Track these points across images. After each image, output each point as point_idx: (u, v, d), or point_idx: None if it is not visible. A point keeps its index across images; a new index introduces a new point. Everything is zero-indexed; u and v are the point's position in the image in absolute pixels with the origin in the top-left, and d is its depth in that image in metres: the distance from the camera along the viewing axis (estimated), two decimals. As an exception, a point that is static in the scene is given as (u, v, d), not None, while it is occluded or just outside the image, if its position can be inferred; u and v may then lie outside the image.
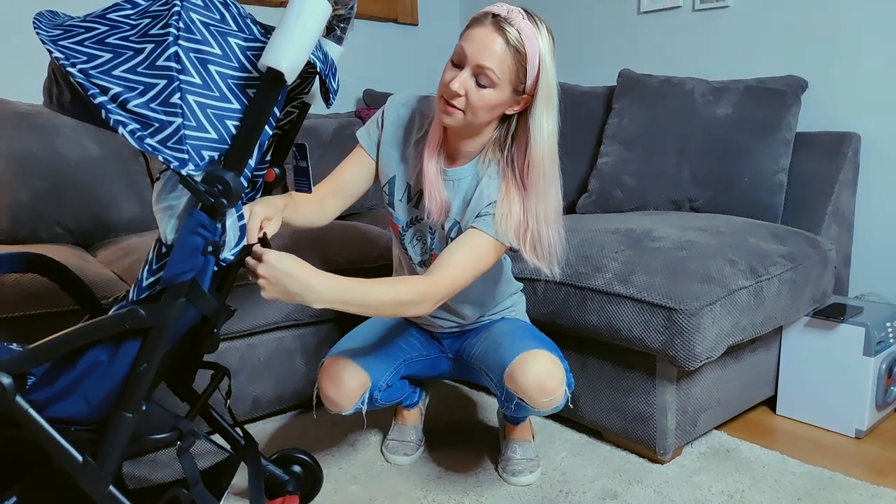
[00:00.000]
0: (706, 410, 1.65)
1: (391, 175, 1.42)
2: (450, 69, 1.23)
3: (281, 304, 1.77)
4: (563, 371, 1.35)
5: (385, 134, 1.42)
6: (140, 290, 1.00)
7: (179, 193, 0.95)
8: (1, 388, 0.96)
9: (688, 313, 1.43)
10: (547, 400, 1.32)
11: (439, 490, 1.51)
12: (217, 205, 0.92)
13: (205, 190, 0.91)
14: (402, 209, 1.43)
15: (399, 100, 1.43)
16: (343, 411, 1.44)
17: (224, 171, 0.92)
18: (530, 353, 1.34)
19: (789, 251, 1.71)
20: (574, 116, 2.48)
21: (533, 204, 1.26)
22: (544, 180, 1.26)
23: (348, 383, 1.41)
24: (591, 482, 1.52)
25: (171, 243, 0.97)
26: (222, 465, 1.32)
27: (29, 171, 1.96)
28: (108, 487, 1.01)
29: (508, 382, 1.36)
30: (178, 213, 0.95)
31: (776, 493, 1.46)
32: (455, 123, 1.24)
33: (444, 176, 1.35)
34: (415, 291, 1.18)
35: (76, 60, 0.89)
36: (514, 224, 1.26)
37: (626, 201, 2.16)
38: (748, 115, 2.06)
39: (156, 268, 0.98)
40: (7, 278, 1.50)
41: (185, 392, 1.29)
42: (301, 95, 1.16)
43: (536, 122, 1.23)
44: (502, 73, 1.19)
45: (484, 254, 1.26)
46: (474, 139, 1.32)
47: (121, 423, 1.00)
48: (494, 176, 1.31)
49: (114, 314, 0.96)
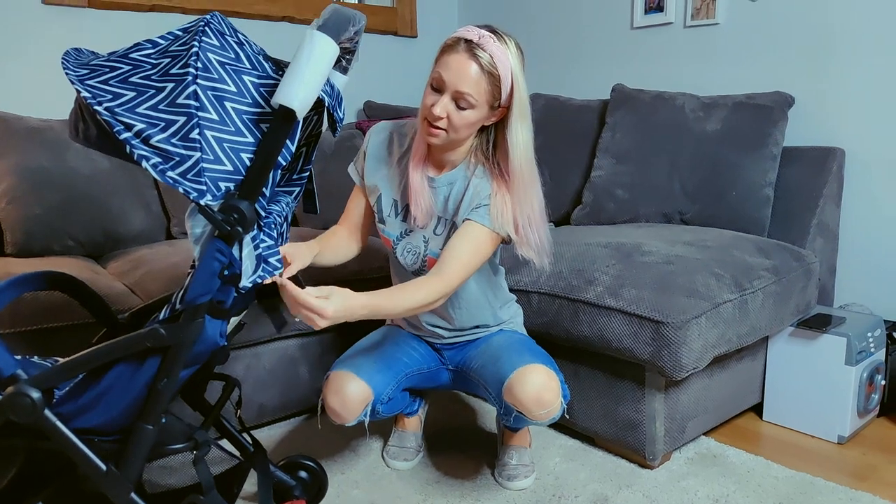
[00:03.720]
0: (693, 418, 1.72)
1: (378, 194, 1.55)
2: (430, 94, 1.36)
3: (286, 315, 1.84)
4: (559, 384, 1.43)
5: (368, 160, 1.56)
6: (172, 310, 1.07)
7: (204, 221, 1.02)
8: (31, 402, 1.03)
9: (674, 326, 1.50)
10: (544, 412, 1.40)
11: (438, 494, 1.58)
12: (233, 232, 0.99)
13: (222, 219, 0.98)
14: (393, 224, 1.54)
15: (376, 128, 1.58)
16: (346, 423, 1.51)
17: (239, 201, 0.99)
18: (527, 368, 1.41)
19: (774, 264, 1.78)
20: (569, 129, 2.56)
21: (518, 209, 1.39)
22: (524, 188, 1.39)
23: (352, 397, 1.47)
24: (584, 486, 1.59)
25: None
26: (234, 472, 1.39)
27: (41, 186, 2.02)
28: (131, 494, 1.08)
29: (507, 396, 1.43)
30: (197, 238, 1.02)
31: (759, 497, 1.53)
32: (440, 142, 1.38)
33: (431, 184, 1.47)
34: (432, 292, 1.31)
35: (102, 99, 0.96)
36: (509, 217, 1.38)
37: (619, 213, 2.23)
38: (737, 130, 2.13)
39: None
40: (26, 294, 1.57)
41: (197, 402, 1.36)
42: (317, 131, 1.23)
43: (513, 133, 1.37)
44: (479, 95, 1.31)
45: (483, 243, 1.38)
46: (457, 150, 1.44)
47: (142, 435, 1.07)
48: (483, 175, 1.43)
49: (136, 333, 1.03)
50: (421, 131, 1.40)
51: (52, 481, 1.17)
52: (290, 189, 1.23)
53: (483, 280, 1.56)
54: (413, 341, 1.67)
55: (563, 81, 2.93)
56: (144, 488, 1.40)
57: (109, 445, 1.10)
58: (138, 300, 1.67)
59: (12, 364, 1.05)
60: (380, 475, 1.67)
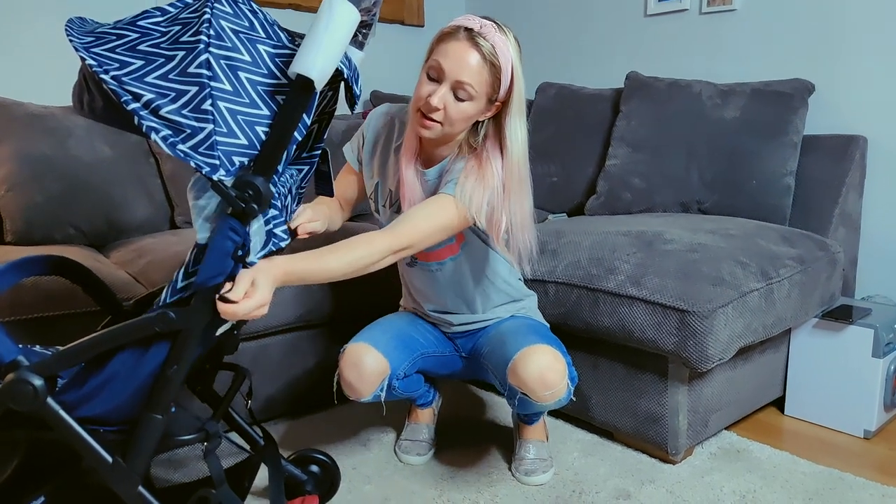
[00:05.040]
0: (717, 411, 1.67)
1: (375, 182, 1.51)
2: (426, 83, 1.29)
3: (295, 306, 1.78)
4: (564, 365, 1.37)
5: (367, 145, 1.51)
6: (174, 292, 1.01)
7: (210, 195, 0.97)
8: (33, 390, 0.97)
9: (701, 315, 1.45)
10: (548, 393, 1.34)
11: (453, 489, 1.52)
12: (248, 209, 0.94)
13: (235, 195, 0.93)
14: (385, 215, 1.50)
15: (379, 111, 1.52)
16: (362, 397, 1.46)
17: (254, 177, 0.94)
18: (531, 348, 1.36)
19: (799, 253, 1.73)
20: (581, 118, 2.50)
21: (508, 205, 1.32)
22: (519, 184, 1.32)
23: (369, 369, 1.43)
24: (604, 482, 1.54)
25: (203, 242, 0.98)
26: (244, 465, 1.33)
27: (42, 173, 1.96)
28: (138, 487, 1.02)
29: (511, 377, 1.38)
30: (208, 215, 0.97)
31: (787, 492, 1.48)
32: (433, 135, 1.31)
33: (423, 178, 1.42)
34: (376, 247, 1.20)
35: (109, 67, 0.91)
36: (477, 198, 1.28)
37: (635, 203, 2.18)
38: (755, 117, 2.07)
39: (191, 270, 1.00)
40: (26, 280, 1.51)
41: (206, 393, 1.31)
42: (330, 108, 1.18)
43: (511, 130, 1.31)
44: (479, 86, 1.26)
45: (443, 210, 1.28)
46: (447, 144, 1.38)
47: (150, 425, 1.01)
48: (462, 160, 1.36)
49: (144, 317, 0.98)
50: (413, 123, 1.33)
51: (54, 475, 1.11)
52: (299, 166, 1.17)
53: (482, 261, 1.50)
54: (428, 325, 1.63)
55: (575, 70, 2.87)
56: (153, 482, 1.34)
57: (115, 436, 1.04)
58: (142, 289, 1.62)
59: (13, 350, 1.00)
60: (392, 470, 1.62)
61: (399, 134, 1.47)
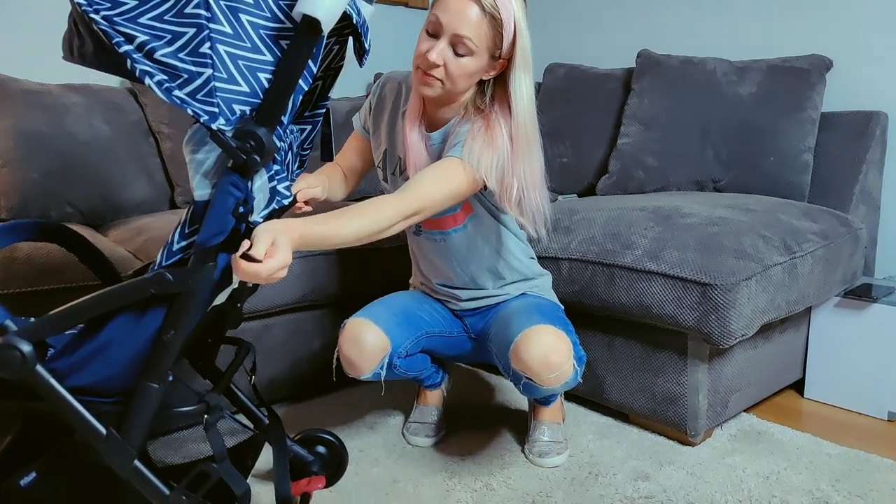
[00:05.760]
0: (737, 392, 1.61)
1: (384, 149, 1.45)
2: (425, 39, 1.24)
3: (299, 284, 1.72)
4: (569, 345, 1.30)
5: (375, 112, 1.47)
6: (170, 254, 0.95)
7: (210, 148, 0.90)
8: (20, 357, 0.91)
9: (723, 289, 1.39)
10: (553, 376, 1.27)
11: (465, 472, 1.46)
12: (249, 162, 0.87)
13: (236, 146, 0.87)
14: (393, 183, 1.45)
15: (385, 77, 1.47)
16: (361, 374, 1.41)
17: (256, 127, 0.87)
18: (533, 329, 1.29)
19: (821, 229, 1.66)
20: (591, 98, 2.44)
21: (519, 165, 1.26)
22: (528, 143, 1.27)
23: (369, 345, 1.38)
24: (621, 464, 1.48)
25: (198, 199, 0.92)
26: (247, 444, 1.27)
27: (39, 150, 1.90)
28: (134, 462, 0.96)
29: (514, 362, 1.31)
30: (207, 170, 0.91)
31: (812, 474, 1.42)
32: (434, 94, 1.26)
33: (428, 141, 1.36)
34: (386, 212, 1.13)
35: (100, 7, 0.85)
36: (485, 160, 1.23)
37: (648, 182, 2.11)
38: (773, 93, 2.01)
39: (188, 231, 0.94)
40: (19, 253, 1.46)
41: (208, 369, 1.25)
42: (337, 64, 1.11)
43: (516, 86, 1.25)
44: (479, 40, 1.20)
45: (452, 172, 1.22)
46: (452, 105, 1.33)
47: (147, 394, 0.95)
48: (468, 122, 1.30)
49: (139, 278, 0.92)
50: (414, 82, 1.28)
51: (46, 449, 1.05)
52: (302, 126, 1.11)
53: (491, 235, 1.44)
54: (436, 304, 1.57)
55: (583, 50, 2.80)
56: (150, 458, 1.28)
57: (110, 408, 0.98)
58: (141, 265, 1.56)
59: (0, 314, 0.94)
60: (401, 453, 1.56)
61: (406, 99, 1.42)
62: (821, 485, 1.38)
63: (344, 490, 1.40)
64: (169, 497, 0.97)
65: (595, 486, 1.39)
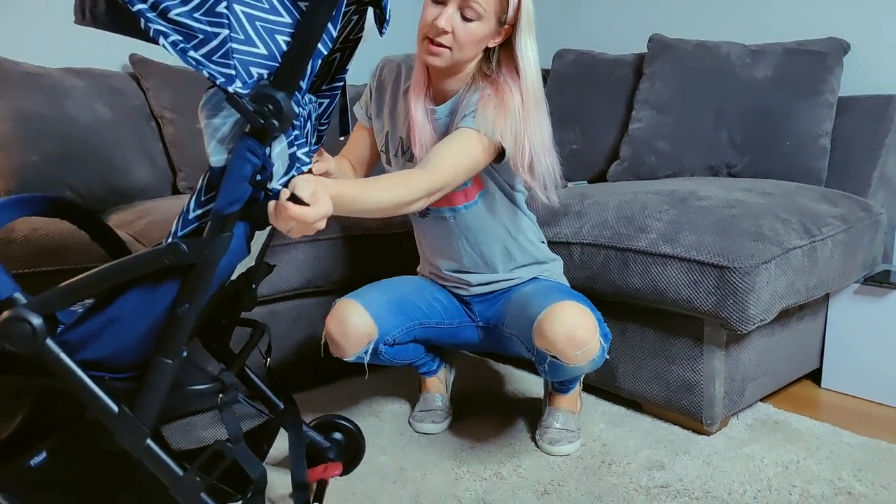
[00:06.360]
0: (754, 380, 1.56)
1: (386, 131, 1.43)
2: (430, 7, 1.23)
3: (303, 270, 1.68)
4: (594, 321, 1.27)
5: (375, 95, 1.44)
6: (185, 223, 0.91)
7: (227, 114, 0.87)
8: (30, 330, 0.87)
9: (742, 272, 1.34)
10: (580, 352, 1.24)
11: (474, 460, 1.42)
12: (267, 126, 0.84)
13: (254, 110, 0.83)
14: (398, 164, 1.42)
15: (383, 61, 1.45)
16: (345, 356, 1.40)
17: (275, 91, 0.84)
18: (557, 306, 1.27)
19: (841, 213, 1.62)
20: (602, 84, 2.39)
21: (530, 127, 1.25)
22: (537, 105, 1.27)
23: (354, 329, 1.37)
24: (635, 453, 1.44)
25: (214, 165, 0.88)
26: (262, 429, 1.24)
27: (38, 133, 1.87)
28: (147, 441, 0.92)
29: (538, 339, 1.28)
30: (223, 136, 0.87)
31: (833, 463, 1.37)
32: (443, 63, 1.24)
33: (433, 116, 1.34)
34: (415, 186, 1.15)
35: None
36: (500, 124, 1.22)
37: (660, 167, 2.07)
38: (789, 77, 1.96)
39: (204, 199, 0.90)
40: (16, 234, 1.42)
41: (222, 351, 1.21)
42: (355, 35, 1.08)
43: (522, 50, 1.25)
44: (488, 4, 1.20)
45: (470, 144, 1.22)
46: (458, 76, 1.31)
47: (160, 370, 0.91)
48: (475, 91, 1.29)
49: (153, 249, 0.88)
50: (420, 53, 1.26)
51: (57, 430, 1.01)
52: (320, 99, 1.07)
53: (502, 214, 1.41)
54: (439, 293, 1.52)
55: (593, 35, 2.75)
56: (165, 440, 1.24)
57: (123, 384, 0.94)
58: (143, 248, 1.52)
59: (10, 286, 0.90)
60: (408, 441, 1.52)
61: (406, 78, 1.39)
62: (842, 474, 1.33)
63: (350, 478, 1.37)
64: (183, 478, 0.94)
65: (608, 476, 1.35)
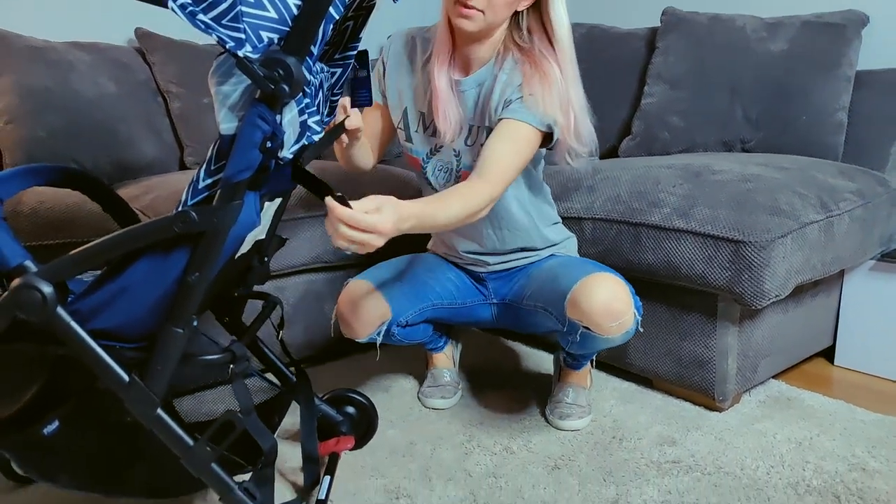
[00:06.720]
0: (767, 356, 1.54)
1: (403, 107, 1.39)
2: None
3: (311, 245, 1.67)
4: (629, 293, 1.26)
5: (389, 71, 1.39)
6: (195, 192, 0.90)
7: (237, 80, 0.85)
8: (41, 298, 0.86)
9: (757, 246, 1.32)
10: (616, 324, 1.22)
11: (483, 435, 1.42)
12: (278, 91, 0.82)
13: (264, 75, 0.81)
14: (420, 140, 1.39)
15: (394, 35, 1.41)
16: (357, 338, 1.40)
17: (285, 55, 0.82)
18: (592, 277, 1.25)
19: (858, 188, 1.59)
20: (613, 59, 2.35)
21: (572, 92, 1.23)
22: (574, 68, 1.25)
23: (367, 311, 1.35)
24: (646, 429, 1.43)
25: (224, 132, 0.87)
26: (274, 402, 1.24)
27: (44, 107, 1.85)
28: (157, 411, 0.92)
29: (571, 311, 1.26)
30: (233, 103, 0.85)
31: (847, 440, 1.36)
32: (474, 27, 1.20)
33: (458, 87, 1.30)
34: (479, 197, 1.14)
35: None
36: (550, 106, 1.21)
37: (673, 143, 2.03)
38: (805, 50, 1.92)
39: (214, 168, 0.89)
40: (24, 207, 1.41)
41: (234, 324, 1.20)
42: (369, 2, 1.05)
43: (556, 13, 1.23)
44: None
45: (523, 140, 1.22)
46: (486, 42, 1.27)
47: (170, 339, 0.90)
48: (512, 68, 1.26)
49: (163, 217, 0.87)
50: (451, 16, 1.21)
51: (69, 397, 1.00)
52: (332, 69, 1.05)
53: (522, 194, 1.39)
54: (451, 272, 1.50)
55: (605, 9, 2.70)
56: (176, 411, 1.24)
57: (134, 354, 0.94)
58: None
59: (20, 253, 0.89)
60: (417, 415, 1.52)
61: (423, 50, 1.36)
62: (856, 451, 1.32)
63: (360, 452, 1.36)
64: (193, 448, 0.94)
65: (619, 451, 1.34)
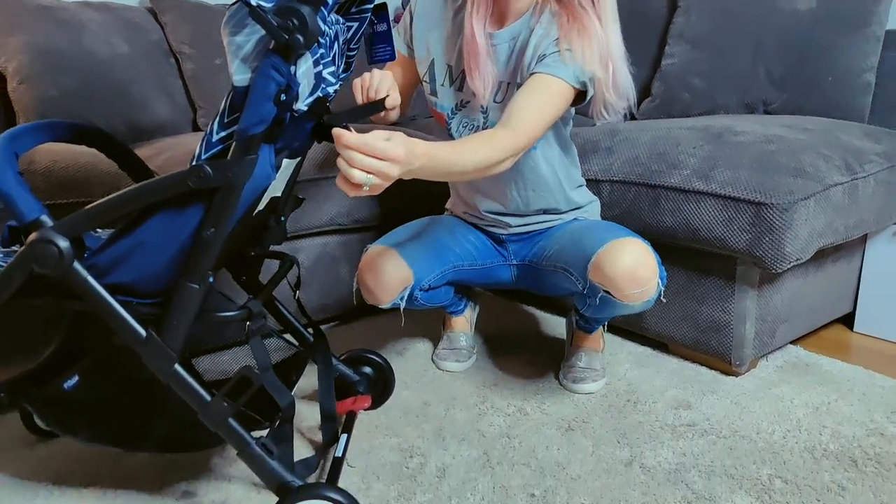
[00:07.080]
0: (785, 321, 1.52)
1: (430, 60, 1.35)
2: None
3: (325, 208, 1.66)
4: (656, 262, 1.24)
5: (416, 22, 1.35)
6: (209, 146, 0.88)
7: (250, 31, 0.83)
8: (57, 252, 0.86)
9: (779, 208, 1.29)
10: (639, 291, 1.20)
11: (497, 396, 1.42)
12: (291, 41, 0.80)
13: (277, 24, 0.79)
14: (446, 94, 1.35)
15: None
16: (380, 304, 1.38)
17: (299, 4, 0.80)
18: (619, 241, 1.23)
19: (885, 150, 1.54)
20: (632, 18, 2.25)
21: (611, 42, 1.20)
22: (613, 14, 1.22)
23: (390, 276, 1.34)
24: (661, 393, 1.42)
25: (237, 84, 0.85)
26: (291, 360, 1.25)
27: (56, 67, 1.83)
28: (174, 366, 0.92)
29: (594, 274, 1.24)
30: (246, 54, 0.83)
31: (866, 405, 1.35)
32: None
33: (491, 41, 1.26)
34: (502, 147, 1.09)
35: None
36: (589, 59, 1.16)
37: (694, 105, 1.99)
38: (833, 8, 1.85)
39: (228, 120, 0.87)
40: (37, 166, 1.41)
41: (251, 283, 1.20)
42: None
43: None
44: None
45: (553, 96, 1.17)
46: None
47: (186, 294, 0.91)
48: (549, 22, 1.22)
49: (178, 172, 0.86)
50: None
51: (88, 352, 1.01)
52: (348, 23, 1.02)
53: (553, 154, 1.36)
54: (470, 234, 1.49)
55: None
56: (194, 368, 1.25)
57: (150, 310, 0.94)
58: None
59: (37, 208, 0.89)
60: (431, 377, 1.52)
61: (452, 0, 1.32)
62: (875, 416, 1.30)
63: (374, 412, 1.37)
64: (210, 403, 0.94)
65: (634, 413, 1.34)
